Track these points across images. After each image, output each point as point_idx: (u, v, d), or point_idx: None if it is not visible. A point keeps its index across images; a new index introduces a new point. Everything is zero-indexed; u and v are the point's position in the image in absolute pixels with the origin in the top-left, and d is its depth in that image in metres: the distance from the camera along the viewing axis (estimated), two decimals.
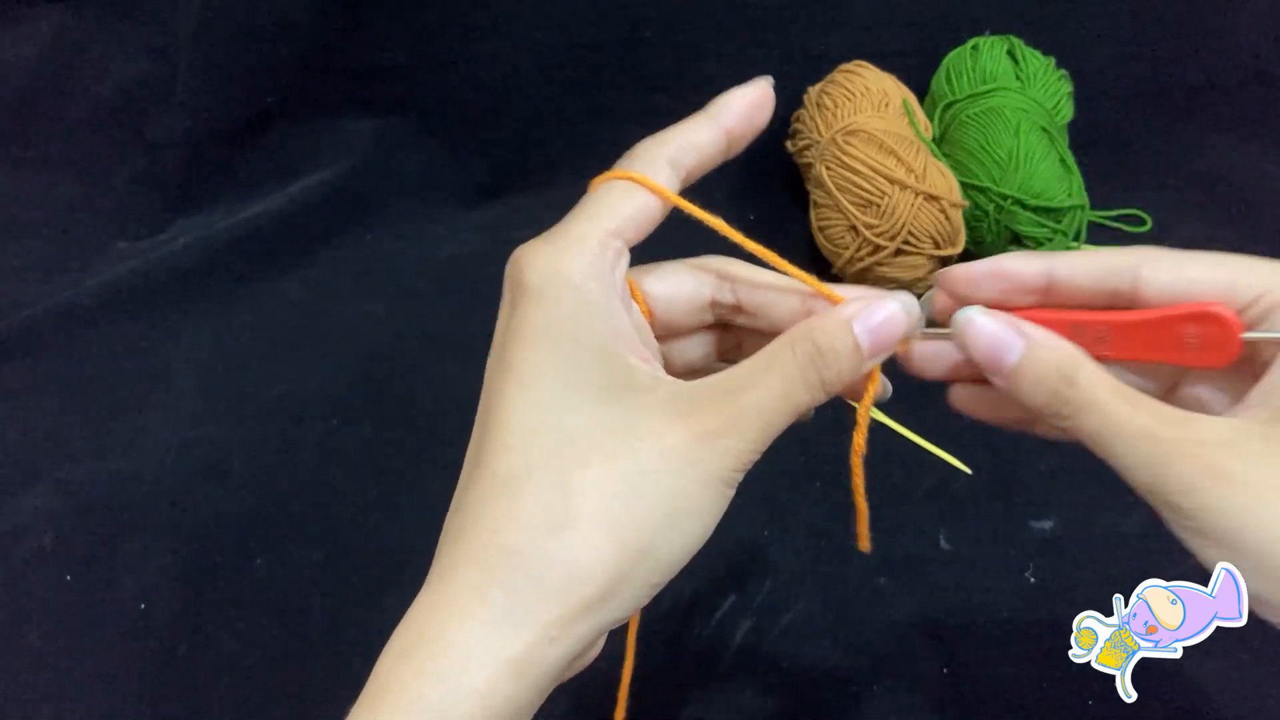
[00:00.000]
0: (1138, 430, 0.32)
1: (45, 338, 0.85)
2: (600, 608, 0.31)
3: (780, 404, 0.33)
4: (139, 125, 0.94)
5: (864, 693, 0.62)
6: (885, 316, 0.35)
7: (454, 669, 0.30)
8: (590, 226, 0.35)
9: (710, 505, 0.33)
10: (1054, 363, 0.33)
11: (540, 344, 0.33)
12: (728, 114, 0.38)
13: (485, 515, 0.32)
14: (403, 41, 0.94)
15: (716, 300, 0.40)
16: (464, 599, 0.31)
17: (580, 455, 0.32)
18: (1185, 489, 0.31)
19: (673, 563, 0.32)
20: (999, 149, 0.84)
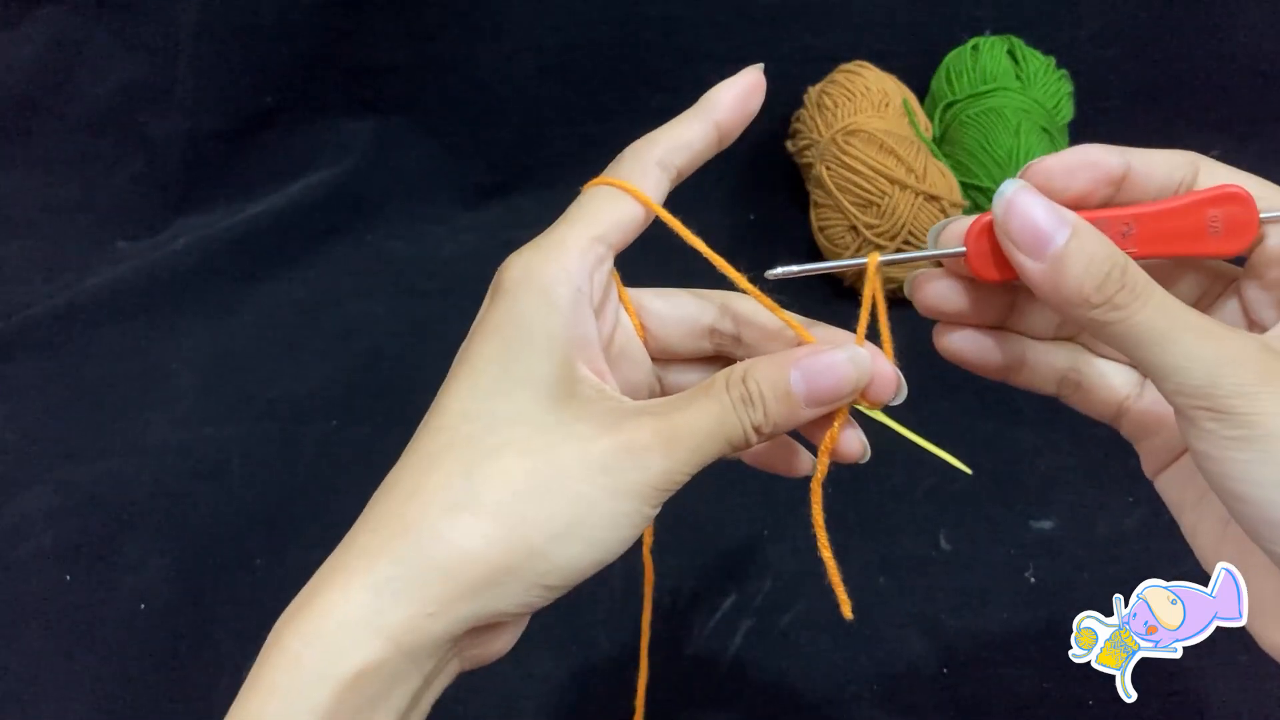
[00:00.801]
0: (1199, 324, 0.30)
1: (45, 338, 0.85)
2: (483, 593, 0.31)
3: (712, 434, 0.33)
4: (139, 125, 0.94)
5: (864, 693, 0.62)
6: (825, 366, 0.34)
7: (331, 633, 0.30)
8: (573, 232, 0.35)
9: (620, 520, 0.32)
10: (1104, 246, 0.31)
11: (496, 337, 0.34)
12: (717, 108, 0.38)
13: (397, 489, 0.33)
14: (403, 41, 0.94)
15: (716, 328, 0.39)
16: (355, 563, 0.31)
17: (498, 444, 0.32)
18: (1243, 391, 0.29)
19: (570, 568, 0.32)
20: (999, 149, 0.84)
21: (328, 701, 0.30)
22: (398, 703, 0.31)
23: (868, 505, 0.72)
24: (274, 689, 0.30)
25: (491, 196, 0.97)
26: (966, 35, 0.92)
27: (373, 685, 0.30)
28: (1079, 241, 0.31)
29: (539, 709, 0.63)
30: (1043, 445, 0.74)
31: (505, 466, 0.32)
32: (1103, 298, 0.31)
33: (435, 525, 0.31)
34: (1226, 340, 0.30)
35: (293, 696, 0.30)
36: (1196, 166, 0.35)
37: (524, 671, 0.64)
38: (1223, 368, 0.30)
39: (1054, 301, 0.32)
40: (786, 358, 0.34)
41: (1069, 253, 0.31)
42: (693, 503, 0.42)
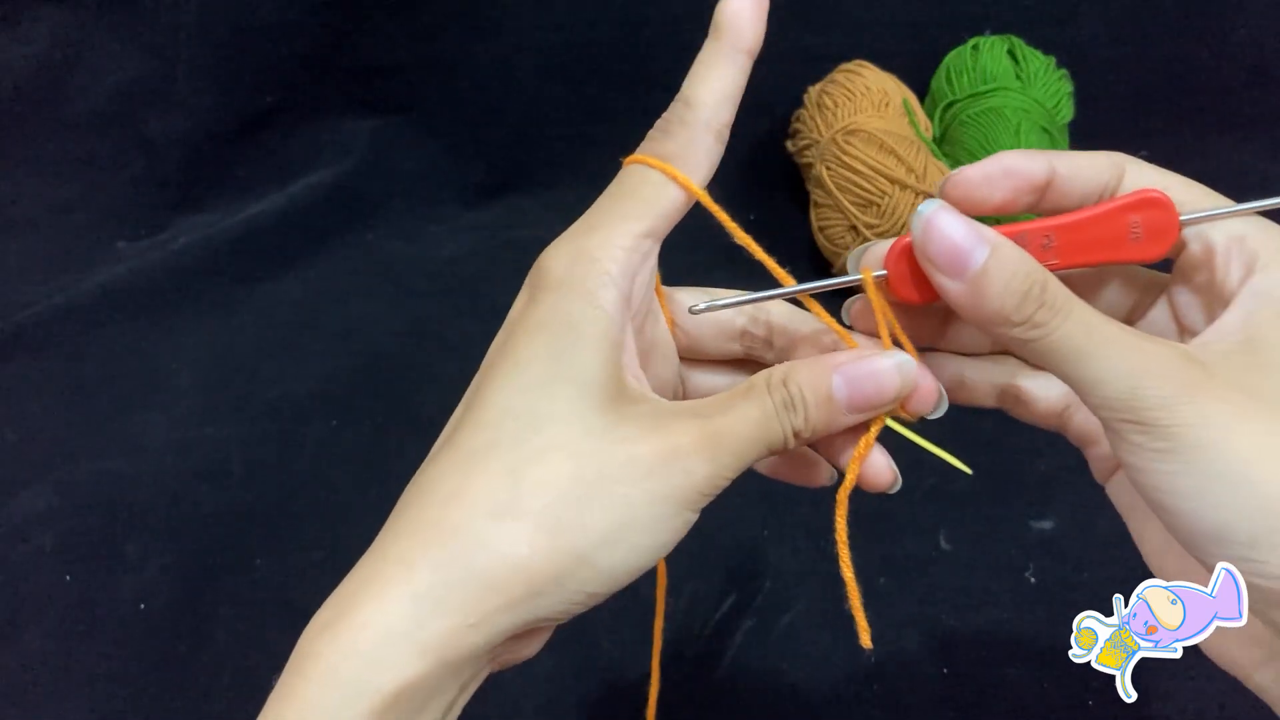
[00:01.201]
0: (1120, 338, 0.30)
1: (45, 338, 0.85)
2: (526, 603, 0.30)
3: (754, 438, 0.33)
4: (139, 125, 0.94)
5: (864, 693, 0.62)
6: (870, 372, 0.33)
7: (369, 645, 0.29)
8: (621, 228, 0.34)
9: (664, 525, 0.32)
10: (1023, 263, 0.31)
11: (541, 334, 0.32)
12: (744, 34, 0.37)
13: (438, 489, 0.31)
14: (403, 41, 0.94)
15: (748, 331, 0.39)
16: (393, 571, 0.30)
17: (543, 445, 0.31)
18: (1163, 403, 0.29)
19: (614, 575, 0.31)
20: (999, 149, 0.83)
21: (369, 713, 0.29)
22: (434, 713, 0.30)
23: (868, 505, 0.71)
24: (309, 703, 0.29)
25: (491, 196, 0.97)
26: (966, 35, 0.92)
27: (413, 700, 0.29)
28: (998, 260, 0.31)
29: (539, 709, 0.63)
30: (1043, 445, 0.74)
31: (550, 470, 0.31)
32: (1022, 316, 0.31)
33: (479, 532, 0.30)
34: (1147, 352, 0.30)
35: (330, 712, 0.29)
36: (1122, 169, 0.34)
37: (524, 671, 0.64)
38: (1143, 380, 0.29)
39: (976, 321, 0.32)
40: (828, 361, 0.34)
41: (988, 271, 0.31)
42: None
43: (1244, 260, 0.32)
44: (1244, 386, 0.29)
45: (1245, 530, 0.29)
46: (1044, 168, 0.34)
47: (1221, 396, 0.29)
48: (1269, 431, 0.29)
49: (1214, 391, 0.29)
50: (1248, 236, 0.32)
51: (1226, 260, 0.32)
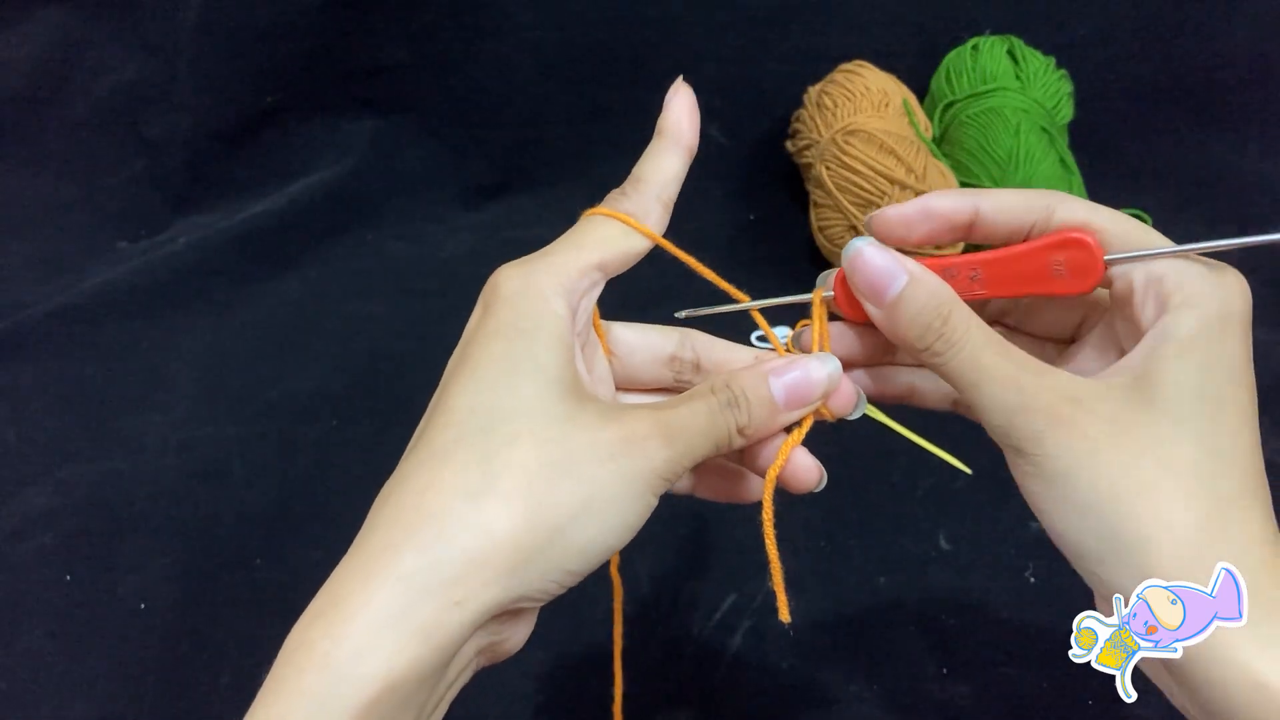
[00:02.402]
0: (1001, 373, 0.34)
1: (45, 338, 0.85)
2: (508, 578, 0.31)
3: (703, 431, 0.35)
4: (139, 125, 0.94)
5: (864, 693, 0.63)
6: (802, 370, 0.37)
7: (359, 632, 0.30)
8: (573, 255, 0.37)
9: (630, 505, 0.34)
10: (931, 298, 0.35)
11: (498, 338, 0.35)
12: (683, 134, 0.41)
13: (412, 482, 0.33)
14: (403, 41, 0.94)
15: (677, 356, 0.42)
16: (379, 560, 0.31)
17: (512, 432, 0.33)
18: (1033, 435, 0.33)
19: (587, 551, 0.33)
20: (999, 149, 0.84)
21: (360, 702, 0.29)
22: (421, 698, 0.31)
23: (868, 505, 0.72)
24: (303, 690, 0.30)
25: (491, 196, 0.97)
26: (966, 35, 0.92)
27: (405, 686, 0.30)
28: (909, 291, 0.35)
29: (539, 709, 0.63)
30: None
31: (520, 454, 0.32)
32: (924, 345, 0.35)
33: (458, 513, 0.32)
34: (1024, 388, 0.33)
35: (323, 698, 0.29)
36: (1052, 208, 0.36)
37: (524, 671, 0.64)
38: (1016, 414, 0.33)
39: (894, 342, 0.36)
40: (764, 367, 0.37)
41: (900, 301, 0.35)
42: (693, 502, 0.43)
43: (1157, 301, 0.34)
44: (1116, 420, 0.33)
45: (1094, 550, 0.33)
46: (967, 208, 0.37)
47: (1085, 433, 0.33)
48: (1123, 468, 0.32)
49: (1080, 427, 0.33)
50: (1165, 278, 0.34)
51: (1143, 300, 0.35)
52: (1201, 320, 0.33)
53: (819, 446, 0.66)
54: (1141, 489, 0.32)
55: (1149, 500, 0.32)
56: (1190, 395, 0.32)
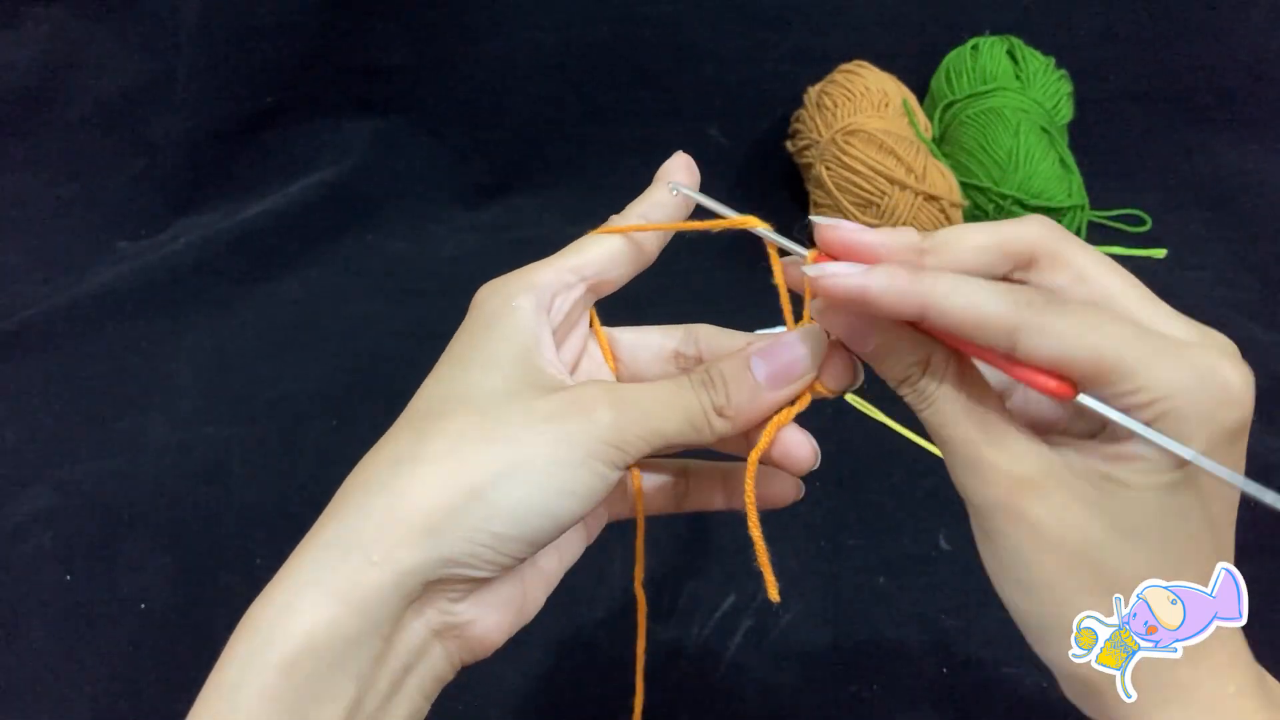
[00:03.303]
0: (963, 439, 0.33)
1: (45, 338, 0.85)
2: (427, 540, 0.31)
3: (666, 402, 0.35)
4: (139, 125, 0.94)
5: (864, 693, 0.63)
6: (782, 343, 0.36)
7: (280, 593, 0.31)
8: (550, 262, 0.38)
9: (569, 468, 0.33)
10: (905, 360, 0.34)
11: (463, 337, 0.36)
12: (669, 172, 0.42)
13: (359, 465, 0.34)
14: (403, 41, 0.94)
15: (680, 352, 0.41)
16: (312, 532, 0.33)
17: (446, 409, 0.34)
18: (984, 508, 0.32)
19: (516, 513, 0.32)
20: (999, 149, 0.84)
21: (280, 660, 0.30)
22: (357, 667, 0.31)
23: (868, 505, 0.72)
24: (232, 656, 0.31)
25: (491, 196, 0.97)
26: (966, 35, 0.92)
27: (328, 647, 0.30)
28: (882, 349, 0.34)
29: (539, 709, 0.63)
30: None
31: (455, 425, 0.33)
32: (900, 392, 0.34)
33: (380, 480, 0.32)
34: (982, 460, 0.32)
35: (249, 658, 0.30)
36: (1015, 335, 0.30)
37: (524, 671, 0.64)
38: (970, 482, 0.33)
39: None
40: (747, 349, 0.36)
41: (879, 350, 0.34)
42: None
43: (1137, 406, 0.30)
44: (1064, 518, 0.31)
45: (1034, 622, 0.33)
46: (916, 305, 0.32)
47: (1032, 521, 0.31)
48: (1061, 566, 0.31)
49: (1028, 515, 0.31)
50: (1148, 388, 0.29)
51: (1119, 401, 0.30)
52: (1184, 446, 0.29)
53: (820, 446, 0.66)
54: (1075, 596, 0.31)
55: (1080, 608, 0.31)
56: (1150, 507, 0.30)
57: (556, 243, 0.40)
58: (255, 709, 0.30)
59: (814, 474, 0.81)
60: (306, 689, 0.30)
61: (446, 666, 0.35)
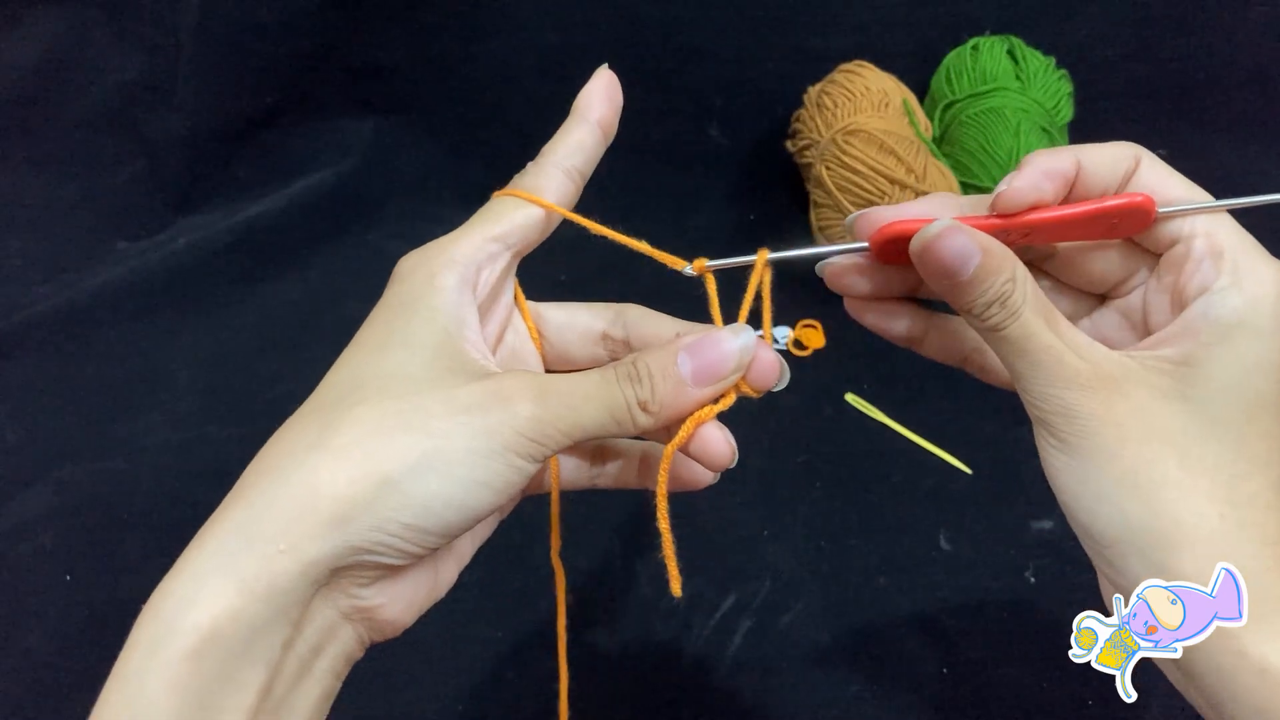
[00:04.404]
0: (1047, 344, 0.34)
1: (45, 338, 0.85)
2: (335, 529, 0.30)
3: (590, 396, 0.34)
4: (139, 125, 0.94)
5: (864, 693, 0.62)
6: (710, 341, 0.36)
7: (181, 583, 0.31)
8: (469, 232, 0.37)
9: (483, 461, 0.32)
10: (999, 272, 0.34)
11: (380, 315, 0.36)
12: (591, 107, 0.41)
13: (263, 450, 0.33)
14: (403, 41, 0.94)
15: (608, 334, 0.41)
16: (213, 519, 0.32)
17: (359, 395, 0.33)
18: (1065, 410, 0.33)
19: (428, 504, 0.31)
20: (999, 149, 0.84)
21: (186, 653, 0.29)
22: (265, 654, 0.30)
23: (868, 505, 0.72)
24: (135, 644, 0.30)
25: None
26: (966, 35, 0.92)
27: (234, 635, 0.30)
28: (983, 267, 0.34)
29: (539, 709, 0.63)
30: None
31: (367, 411, 0.32)
32: (984, 314, 0.34)
33: (287, 468, 0.31)
34: (1065, 362, 0.34)
35: (151, 649, 0.30)
36: (1139, 160, 0.36)
37: (523, 672, 0.64)
38: (1054, 387, 0.34)
39: (952, 306, 0.36)
40: (674, 342, 0.36)
41: (973, 279, 0.34)
42: (693, 502, 0.43)
43: (1206, 275, 0.34)
44: (1147, 410, 0.33)
45: (1104, 533, 0.33)
46: (1073, 161, 0.36)
47: (1118, 419, 0.33)
48: (1147, 459, 0.32)
49: (1114, 412, 0.33)
50: (1224, 251, 0.35)
51: (1194, 270, 0.35)
52: (1249, 304, 0.33)
53: (820, 447, 0.66)
54: (1163, 483, 0.32)
55: (1169, 495, 0.32)
56: (1228, 394, 0.33)
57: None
58: (162, 700, 0.29)
59: (814, 474, 0.81)
60: (214, 677, 0.29)
61: (356, 646, 0.34)
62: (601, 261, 0.41)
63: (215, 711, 0.29)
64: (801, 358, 0.80)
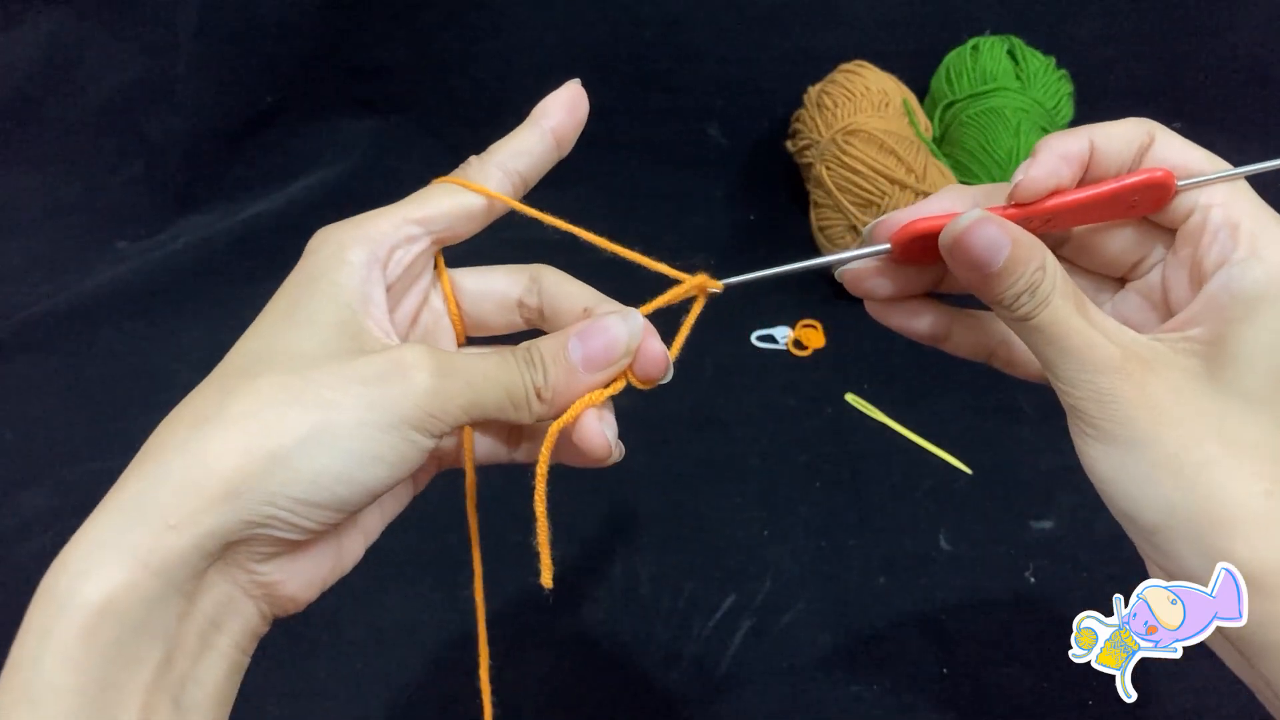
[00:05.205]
0: (1078, 329, 0.34)
1: (45, 338, 0.85)
2: (226, 504, 0.30)
3: (489, 375, 0.34)
4: (139, 125, 0.94)
5: (864, 693, 0.63)
6: (599, 328, 0.36)
7: (74, 559, 0.30)
8: (390, 211, 0.37)
9: (379, 436, 0.32)
10: (1029, 261, 0.34)
11: (287, 290, 0.36)
12: (548, 115, 0.40)
13: (165, 421, 0.33)
14: (403, 41, 0.94)
15: (524, 302, 0.40)
16: (110, 494, 0.31)
17: (258, 369, 0.32)
18: (1100, 396, 0.33)
19: (318, 479, 0.31)
20: (999, 149, 0.84)
21: (80, 629, 0.29)
22: (161, 628, 0.30)
23: (868, 505, 0.72)
24: (29, 625, 0.30)
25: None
26: (966, 35, 0.92)
27: (129, 610, 0.30)
28: (1013, 258, 0.34)
29: (539, 709, 0.63)
30: (1043, 445, 0.74)
31: (259, 385, 0.32)
32: (1015, 304, 0.34)
33: (179, 442, 0.31)
34: (1097, 346, 0.33)
35: (45, 626, 0.29)
36: (1153, 135, 0.37)
37: (522, 672, 0.64)
38: (1088, 373, 0.33)
39: (980, 298, 0.36)
40: (569, 329, 0.36)
41: (1004, 270, 0.34)
42: (693, 502, 0.43)
43: (1224, 246, 0.35)
44: (1182, 391, 0.33)
45: (1148, 519, 0.32)
46: (1085, 143, 0.36)
47: (1154, 403, 0.32)
48: (1187, 441, 0.32)
49: (1149, 396, 0.33)
50: (1242, 223, 0.35)
51: (1211, 241, 0.35)
52: (1270, 275, 0.33)
53: (820, 447, 0.66)
54: (1206, 464, 0.32)
55: (1214, 477, 0.31)
56: (1260, 370, 0.33)
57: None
58: (59, 679, 0.29)
59: (814, 474, 0.81)
60: (111, 653, 0.29)
61: (259, 621, 0.34)
62: None
63: (113, 689, 0.29)
64: (801, 358, 0.80)
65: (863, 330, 0.80)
